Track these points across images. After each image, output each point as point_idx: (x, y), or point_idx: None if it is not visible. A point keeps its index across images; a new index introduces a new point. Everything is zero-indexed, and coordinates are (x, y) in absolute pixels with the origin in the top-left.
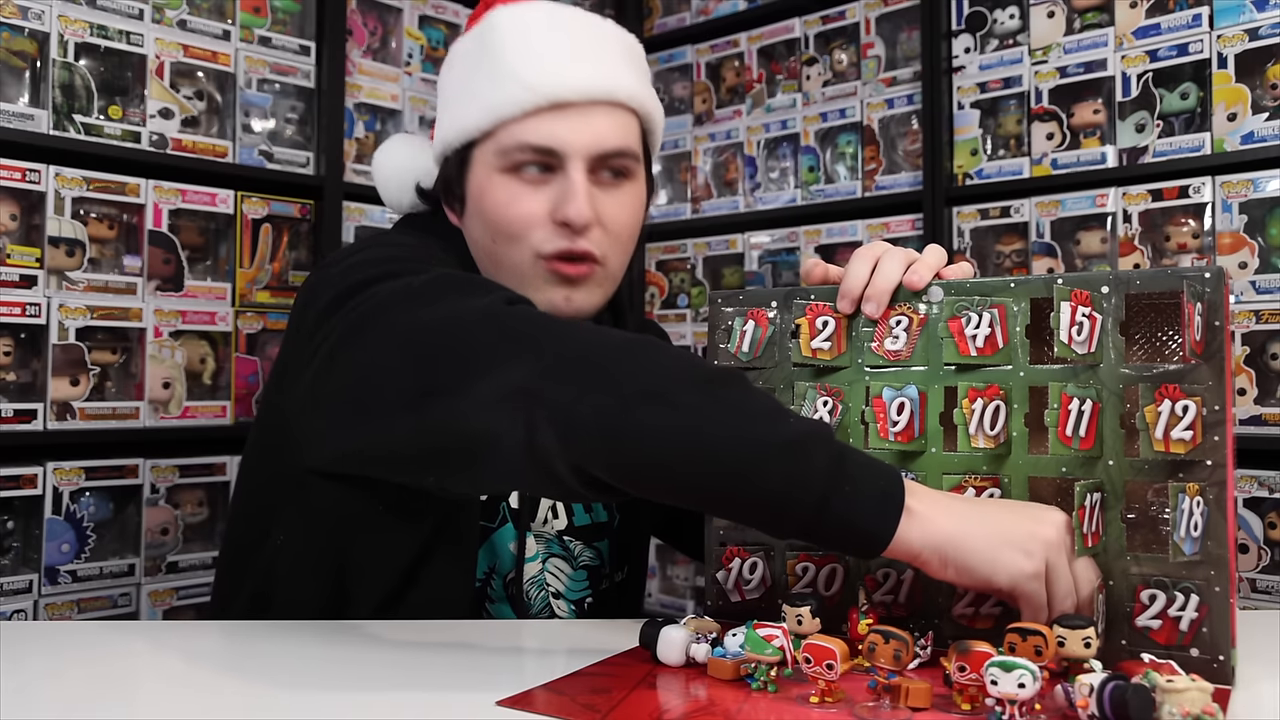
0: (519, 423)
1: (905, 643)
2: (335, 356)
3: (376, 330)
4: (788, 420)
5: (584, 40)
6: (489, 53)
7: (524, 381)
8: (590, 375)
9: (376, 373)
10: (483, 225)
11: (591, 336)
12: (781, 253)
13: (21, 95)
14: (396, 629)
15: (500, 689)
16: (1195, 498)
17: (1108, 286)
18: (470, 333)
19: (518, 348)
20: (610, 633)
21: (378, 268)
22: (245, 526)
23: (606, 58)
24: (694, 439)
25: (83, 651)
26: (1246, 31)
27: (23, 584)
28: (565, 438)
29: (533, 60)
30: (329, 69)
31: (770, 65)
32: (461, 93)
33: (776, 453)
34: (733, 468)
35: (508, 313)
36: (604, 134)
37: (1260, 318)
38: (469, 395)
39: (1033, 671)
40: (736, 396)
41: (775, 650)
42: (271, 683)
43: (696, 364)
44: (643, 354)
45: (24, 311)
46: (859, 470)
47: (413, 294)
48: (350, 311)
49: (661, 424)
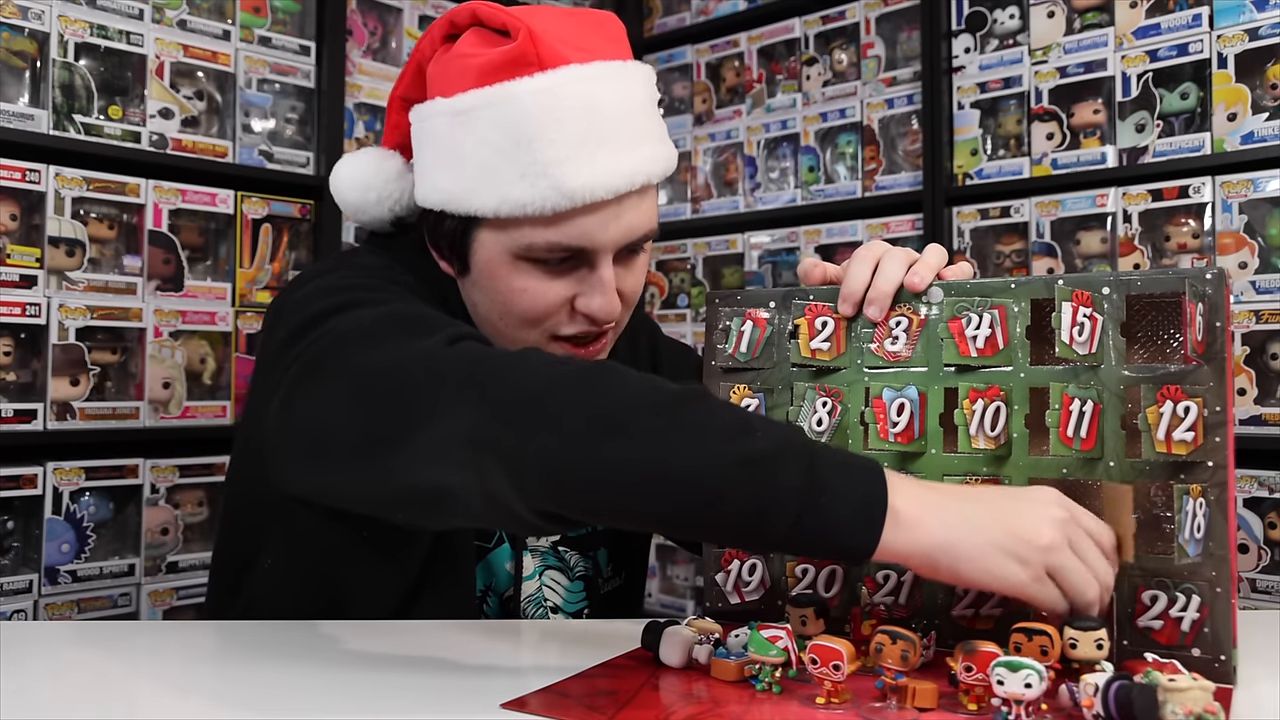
0: (470, 473)
1: (913, 643)
2: (292, 396)
3: (328, 373)
4: (754, 434)
5: (615, 115)
6: (512, 134)
7: (469, 431)
8: (537, 416)
9: (327, 419)
10: (490, 301)
11: (540, 371)
12: (781, 253)
13: (21, 95)
14: (399, 630)
15: (503, 691)
16: (1198, 499)
17: (1109, 287)
18: (413, 378)
19: (460, 395)
20: (612, 634)
21: (338, 296)
22: (234, 547)
23: (637, 127)
24: (655, 468)
25: (83, 651)
26: (1246, 31)
27: (23, 584)
28: (519, 484)
29: (568, 159)
30: (329, 69)
31: (770, 65)
32: (472, 162)
33: (742, 471)
34: (698, 493)
35: (450, 355)
36: (634, 224)
37: (1260, 318)
38: (416, 447)
39: (1039, 671)
40: (697, 416)
41: (780, 651)
42: (271, 684)
43: (654, 387)
44: (596, 384)
45: (24, 311)
46: (835, 477)
47: (363, 334)
48: (309, 346)
49: (618, 457)
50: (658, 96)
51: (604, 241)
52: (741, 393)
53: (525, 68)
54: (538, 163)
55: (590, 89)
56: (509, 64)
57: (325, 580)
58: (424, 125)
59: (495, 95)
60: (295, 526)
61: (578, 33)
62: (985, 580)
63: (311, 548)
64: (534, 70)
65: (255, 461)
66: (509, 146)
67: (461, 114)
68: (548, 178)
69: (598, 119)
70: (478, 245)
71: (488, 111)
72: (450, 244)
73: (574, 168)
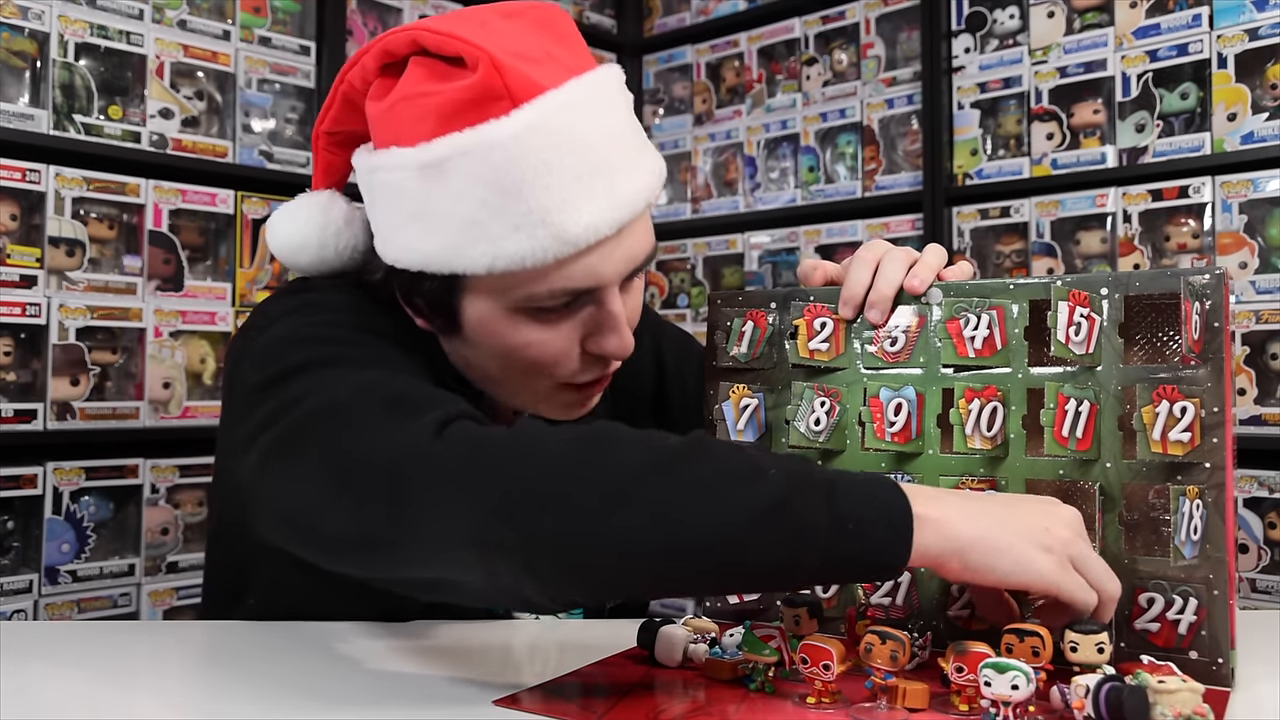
0: (475, 570)
1: (902, 644)
2: (269, 466)
3: (307, 452)
4: (765, 476)
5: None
6: (498, 184)
7: (466, 533)
8: (541, 506)
9: (314, 505)
10: (488, 358)
11: (534, 451)
12: (781, 253)
13: (21, 95)
14: (394, 629)
15: (497, 688)
16: (1195, 501)
17: (1107, 287)
18: (403, 474)
19: (457, 495)
20: (608, 632)
21: (310, 349)
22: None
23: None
24: (672, 534)
25: (83, 651)
26: (1246, 31)
27: (23, 584)
28: (533, 577)
29: (565, 202)
30: (329, 69)
31: (770, 65)
32: (453, 218)
33: (764, 519)
34: (723, 550)
35: (440, 449)
36: (636, 249)
37: (1260, 318)
38: (413, 550)
39: (1026, 673)
40: (703, 470)
41: (772, 651)
42: (270, 683)
43: (650, 445)
44: (592, 455)
45: (24, 311)
46: (854, 501)
47: (344, 410)
48: (285, 409)
49: (631, 529)
50: (630, 97)
51: (610, 276)
52: (741, 392)
53: (496, 104)
54: (532, 212)
55: (573, 118)
56: (475, 102)
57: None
58: (380, 178)
59: (469, 142)
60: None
61: (533, 41)
62: (1017, 573)
63: (296, 586)
64: (507, 106)
65: (233, 502)
66: (495, 198)
67: (430, 167)
68: (546, 226)
69: (588, 150)
70: (468, 304)
71: (463, 161)
72: (431, 304)
73: (573, 211)
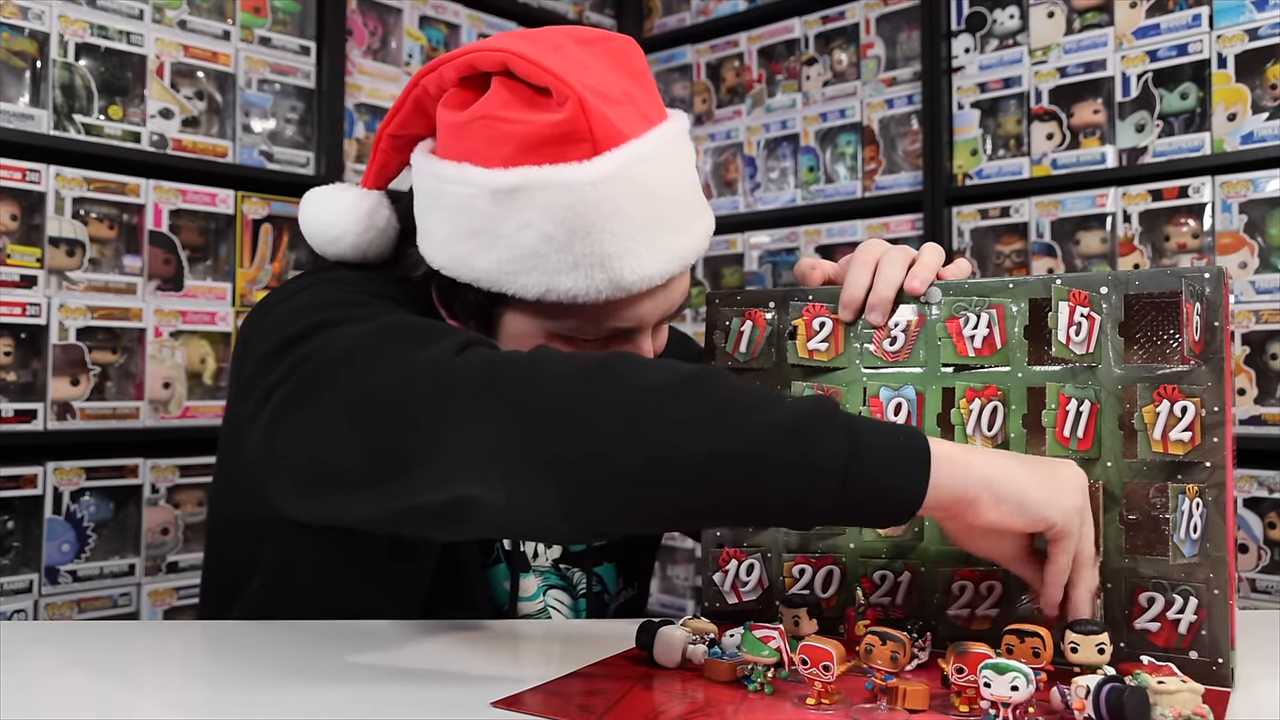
0: (497, 487)
1: (902, 644)
2: (283, 421)
3: (321, 397)
4: (784, 403)
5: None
6: (567, 224)
7: (492, 445)
8: (564, 422)
9: (328, 447)
10: None
11: (554, 372)
12: (781, 253)
13: (22, 95)
14: (392, 630)
15: (495, 689)
16: (1195, 499)
17: (1106, 286)
18: (421, 397)
19: (476, 408)
20: (607, 634)
21: (318, 314)
22: (221, 570)
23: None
24: (697, 453)
25: (83, 651)
26: (1246, 31)
27: (23, 584)
28: (559, 495)
29: (628, 251)
30: (329, 69)
31: (770, 65)
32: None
33: (784, 440)
34: (746, 469)
35: (460, 364)
36: (677, 296)
37: (1260, 318)
38: (434, 468)
39: (1026, 674)
40: (724, 391)
41: (772, 652)
42: (270, 683)
43: (667, 370)
44: (610, 377)
45: (24, 311)
46: (872, 432)
47: (357, 350)
48: (294, 366)
49: (657, 451)
50: (694, 149)
51: (650, 320)
52: None
53: (578, 145)
54: (594, 254)
55: (648, 171)
56: (559, 139)
57: (316, 604)
58: (448, 189)
59: (546, 178)
60: (284, 549)
61: (613, 80)
62: (1043, 505)
63: (301, 570)
64: (588, 150)
65: (237, 484)
66: (561, 235)
67: (504, 192)
68: (605, 270)
69: (656, 203)
70: (508, 320)
71: (538, 195)
72: (470, 312)
73: (633, 260)
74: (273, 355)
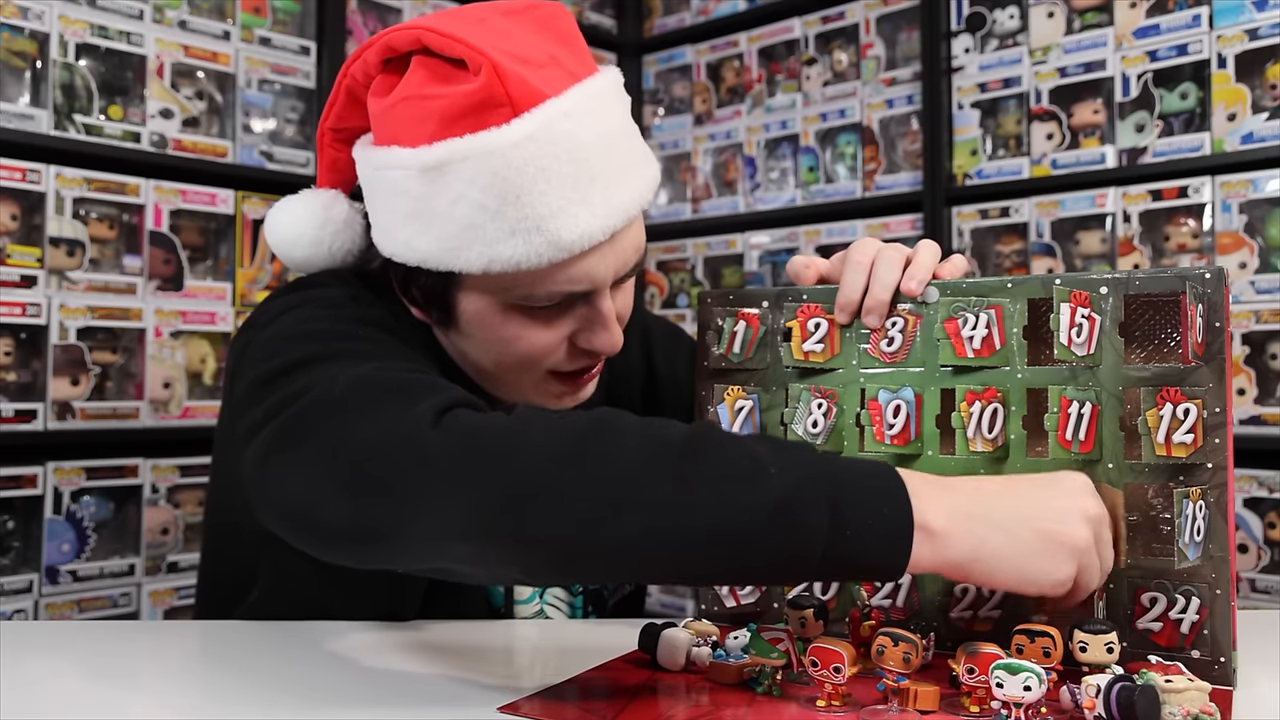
0: (471, 564)
1: (915, 645)
2: (269, 460)
3: (305, 445)
4: (768, 474)
5: (602, 148)
6: (496, 190)
7: (464, 524)
8: (538, 501)
9: (311, 500)
10: (482, 350)
11: (533, 446)
12: (781, 253)
13: (22, 95)
14: (396, 632)
15: (500, 694)
16: (1198, 502)
17: (1107, 287)
18: (399, 465)
19: (452, 486)
20: (609, 635)
21: (310, 345)
22: (218, 579)
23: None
24: (674, 537)
25: (83, 651)
26: (1246, 31)
27: (23, 584)
28: (530, 572)
29: (561, 209)
30: (329, 69)
31: (770, 65)
32: (451, 220)
33: (766, 521)
34: (724, 552)
35: (437, 437)
36: (628, 252)
37: (1260, 318)
38: (409, 542)
39: (1038, 674)
40: (708, 466)
41: (781, 654)
42: (271, 685)
43: (657, 437)
44: (593, 448)
45: (24, 311)
46: (858, 503)
47: (341, 400)
48: (283, 404)
49: (632, 534)
50: (629, 100)
51: (602, 279)
52: (735, 394)
53: (496, 111)
54: (529, 218)
55: (572, 127)
56: (477, 108)
57: (314, 611)
58: (381, 175)
59: (469, 148)
60: (281, 557)
61: (535, 44)
62: (1019, 585)
63: (300, 579)
64: (507, 114)
65: (232, 491)
66: (493, 204)
67: (431, 169)
68: (542, 233)
69: (585, 159)
70: (463, 300)
71: (463, 166)
72: (428, 298)
73: (569, 219)
74: (261, 386)
